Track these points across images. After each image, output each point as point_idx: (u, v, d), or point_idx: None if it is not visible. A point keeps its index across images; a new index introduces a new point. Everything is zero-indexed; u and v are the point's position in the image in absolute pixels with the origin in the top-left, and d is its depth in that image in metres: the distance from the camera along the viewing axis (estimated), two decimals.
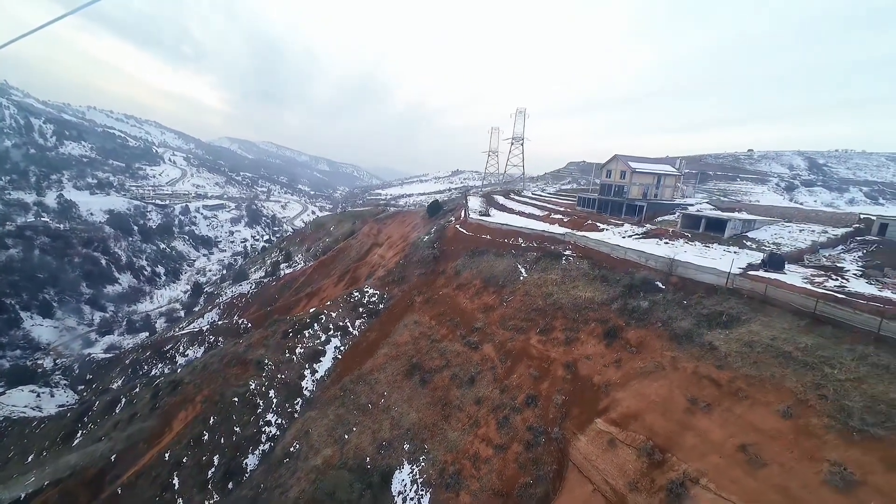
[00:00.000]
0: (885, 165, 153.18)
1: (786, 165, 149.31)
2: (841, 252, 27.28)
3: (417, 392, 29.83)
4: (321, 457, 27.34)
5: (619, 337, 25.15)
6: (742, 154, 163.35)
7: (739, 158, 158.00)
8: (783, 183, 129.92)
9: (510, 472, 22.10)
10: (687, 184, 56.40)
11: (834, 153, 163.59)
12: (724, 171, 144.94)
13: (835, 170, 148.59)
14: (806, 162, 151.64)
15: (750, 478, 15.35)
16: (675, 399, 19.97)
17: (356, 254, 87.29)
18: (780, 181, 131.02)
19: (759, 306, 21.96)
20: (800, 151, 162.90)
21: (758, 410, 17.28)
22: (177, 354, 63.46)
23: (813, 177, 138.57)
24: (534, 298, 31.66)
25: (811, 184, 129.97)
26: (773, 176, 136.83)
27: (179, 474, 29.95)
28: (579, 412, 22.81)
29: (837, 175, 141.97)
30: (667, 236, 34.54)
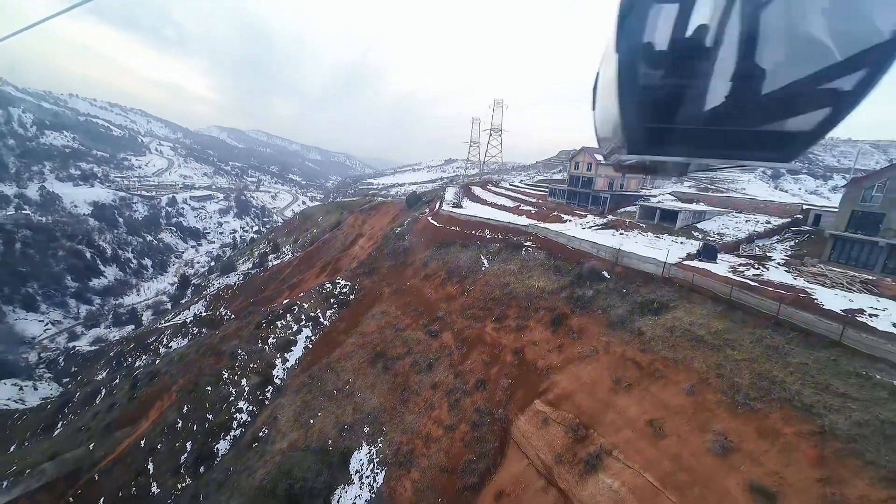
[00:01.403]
0: (869, 153, 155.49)
1: None
2: (775, 242, 28.83)
3: (380, 378, 31.32)
4: (287, 440, 28.87)
5: (564, 324, 26.66)
6: None
7: None
8: (769, 171, 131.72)
9: (456, 451, 23.75)
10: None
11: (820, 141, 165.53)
12: None
13: (821, 157, 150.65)
14: None
15: (652, 448, 17.02)
16: (603, 380, 21.59)
17: (341, 245, 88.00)
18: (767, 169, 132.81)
19: (686, 294, 23.49)
20: None
21: (669, 389, 18.91)
22: (160, 346, 64.42)
23: (799, 164, 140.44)
24: (492, 288, 33.03)
25: (796, 171, 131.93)
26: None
27: (154, 460, 31.38)
28: (522, 394, 24.42)
29: (823, 163, 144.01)
30: (623, 227, 35.91)
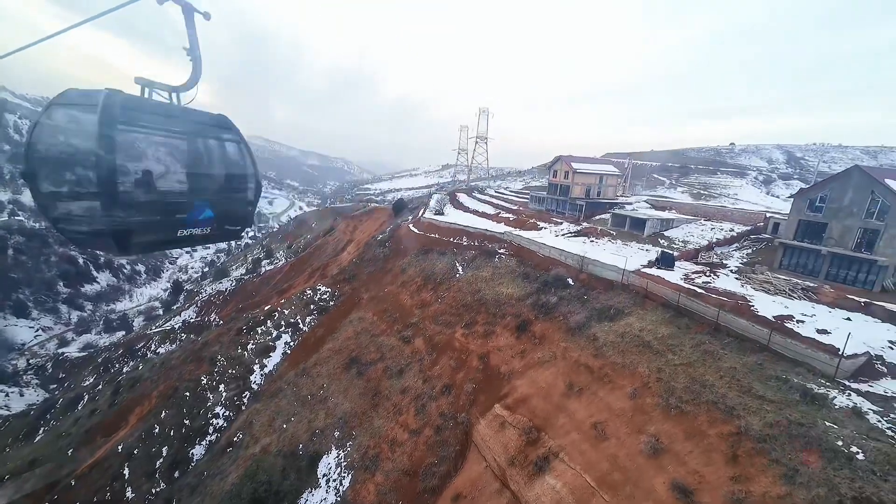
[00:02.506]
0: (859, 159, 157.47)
1: (765, 159, 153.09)
2: (733, 249, 29.75)
3: (353, 383, 31.96)
4: (260, 445, 29.44)
5: (528, 330, 27.45)
6: (724, 148, 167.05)
7: (721, 152, 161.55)
8: (761, 176, 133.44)
9: (419, 454, 24.40)
10: (638, 181, 58.67)
11: (811, 146, 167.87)
12: (705, 165, 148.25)
13: (812, 163, 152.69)
14: (784, 155, 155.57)
15: (594, 450, 17.77)
16: (558, 385, 22.35)
17: (332, 251, 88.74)
18: (759, 174, 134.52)
19: (641, 301, 24.34)
20: (779, 145, 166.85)
21: (615, 393, 19.69)
22: (148, 352, 64.80)
23: (790, 170, 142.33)
24: (465, 295, 33.82)
25: (788, 177, 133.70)
26: (752, 169, 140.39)
27: (130, 465, 31.85)
28: (485, 399, 25.14)
29: (814, 168, 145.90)
30: (595, 235, 36.86)
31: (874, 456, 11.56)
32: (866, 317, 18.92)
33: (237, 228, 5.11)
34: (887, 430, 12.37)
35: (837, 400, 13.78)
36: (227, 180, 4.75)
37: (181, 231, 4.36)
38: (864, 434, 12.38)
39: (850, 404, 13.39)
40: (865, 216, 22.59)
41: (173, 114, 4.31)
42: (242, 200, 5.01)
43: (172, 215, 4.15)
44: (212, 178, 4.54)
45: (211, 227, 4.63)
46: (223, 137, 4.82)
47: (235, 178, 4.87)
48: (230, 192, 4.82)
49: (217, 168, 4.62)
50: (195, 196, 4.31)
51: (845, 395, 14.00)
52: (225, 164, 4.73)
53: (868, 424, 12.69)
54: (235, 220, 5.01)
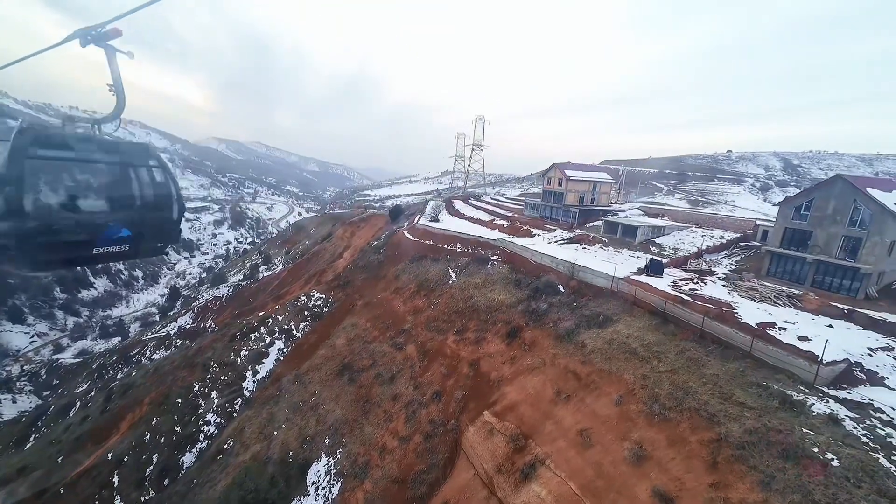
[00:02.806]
0: (855, 166, 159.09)
1: (762, 166, 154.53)
2: (722, 257, 30.01)
3: (345, 390, 31.93)
4: (250, 452, 29.29)
5: (519, 337, 27.55)
6: (721, 155, 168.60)
7: (718, 159, 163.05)
8: (758, 183, 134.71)
9: (409, 461, 24.34)
10: (632, 188, 59.12)
11: (808, 154, 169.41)
12: (703, 172, 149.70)
13: (808, 170, 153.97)
14: (781, 163, 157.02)
15: (579, 457, 17.81)
16: (546, 391, 22.41)
17: (329, 257, 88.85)
18: (756, 181, 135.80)
19: (629, 308, 24.51)
20: (776, 152, 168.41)
21: (601, 400, 19.76)
22: (143, 358, 64.57)
23: (787, 177, 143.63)
24: (457, 301, 33.97)
25: (785, 184, 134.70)
26: (749, 176, 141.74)
27: (120, 472, 31.64)
28: (474, 406, 25.14)
29: (810, 175, 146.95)
30: (587, 242, 37.15)
31: (848, 462, 11.68)
32: (848, 324, 19.10)
33: (160, 245, 5.63)
34: (862, 437, 12.49)
35: (815, 407, 13.91)
36: (146, 202, 5.24)
37: (97, 249, 4.75)
38: (840, 440, 12.50)
39: (828, 411, 13.52)
40: (849, 224, 22.90)
41: (90, 143, 4.74)
42: (165, 219, 5.53)
43: (86, 235, 4.54)
44: (128, 200, 5.02)
45: (129, 245, 5.05)
46: (144, 163, 5.33)
47: (156, 199, 5.36)
48: (150, 213, 5.30)
49: (134, 191, 5.10)
50: (110, 217, 4.72)
51: (823, 401, 14.14)
52: (143, 187, 5.23)
53: (844, 431, 12.82)
54: (159, 237, 5.55)
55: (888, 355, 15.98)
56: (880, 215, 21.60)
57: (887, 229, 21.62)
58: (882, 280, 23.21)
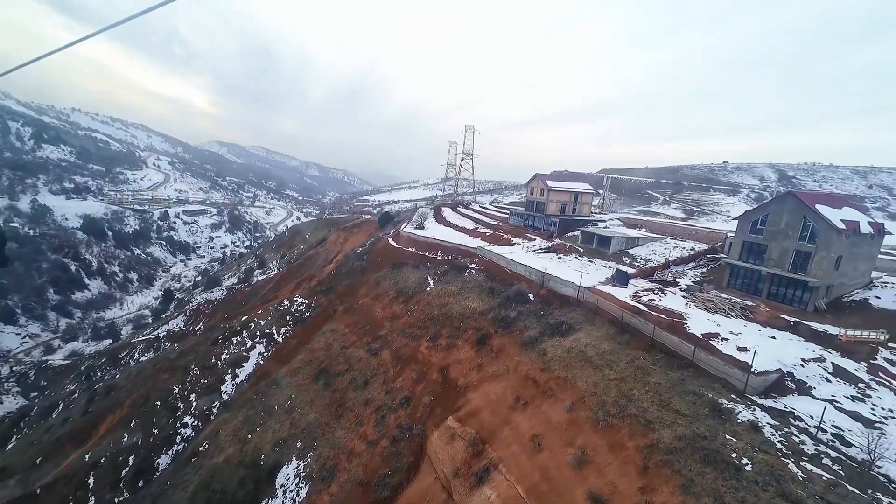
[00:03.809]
0: (849, 178, 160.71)
1: (757, 177, 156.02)
2: (689, 268, 30.75)
3: (320, 394, 32.43)
4: (224, 455, 29.69)
5: (487, 344, 28.17)
6: (717, 166, 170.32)
7: (714, 170, 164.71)
8: (753, 194, 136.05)
9: (374, 465, 24.82)
10: (629, 198, 59.76)
11: (803, 166, 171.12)
12: (698, 182, 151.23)
13: (803, 182, 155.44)
14: (776, 174, 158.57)
15: (529, 462, 18.37)
16: (507, 398, 23.00)
17: (322, 261, 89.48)
18: (751, 192, 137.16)
19: (591, 317, 25.19)
20: (771, 164, 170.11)
21: (555, 406, 20.36)
22: (130, 361, 64.88)
23: (782, 188, 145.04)
24: (432, 308, 34.62)
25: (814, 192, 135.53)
26: (744, 187, 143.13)
27: (95, 474, 32.00)
28: (441, 411, 25.68)
29: (805, 188, 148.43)
30: (563, 251, 37.90)
31: (760, 467, 12.32)
32: (791, 336, 19.77)
33: None
34: (777, 443, 13.13)
35: (741, 414, 14.55)
36: None
37: None
38: (757, 446, 13.14)
39: (751, 419, 14.16)
40: (799, 239, 23.67)
41: None
42: None
43: None
44: None
45: None
46: None
47: None
48: None
49: None
50: None
51: (750, 410, 14.78)
52: None
53: (762, 437, 13.46)
54: None
55: (819, 366, 16.62)
56: (827, 231, 22.39)
57: (833, 244, 22.38)
58: (830, 293, 23.89)
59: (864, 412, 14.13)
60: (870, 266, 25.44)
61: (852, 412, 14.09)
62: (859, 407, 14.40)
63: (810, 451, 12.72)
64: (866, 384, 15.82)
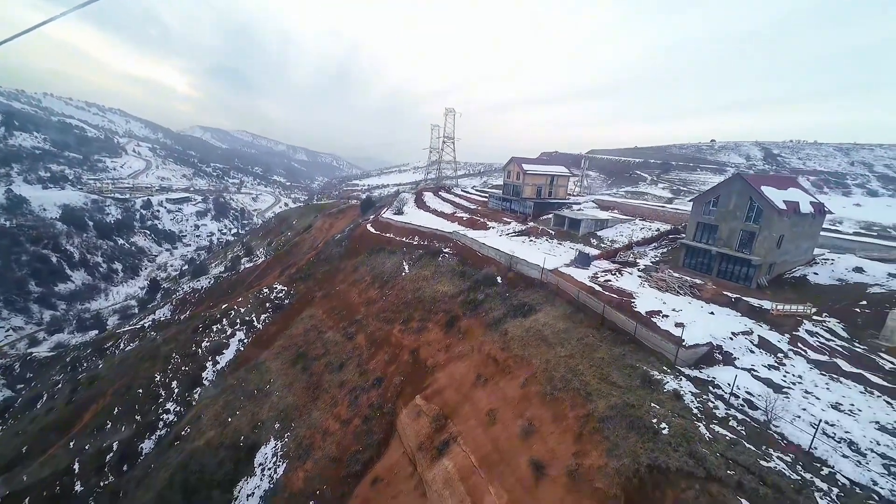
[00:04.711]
0: (832, 155, 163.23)
1: (743, 156, 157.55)
2: (651, 249, 31.83)
3: (298, 378, 33.45)
4: (205, 438, 30.74)
5: (456, 326, 29.19)
6: (704, 144, 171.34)
7: (702, 149, 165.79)
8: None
9: (347, 442, 26.08)
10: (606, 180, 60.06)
11: (788, 143, 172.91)
12: (686, 162, 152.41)
13: (788, 160, 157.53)
14: (762, 152, 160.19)
15: (484, 434, 19.61)
16: (469, 376, 24.15)
17: (308, 248, 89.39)
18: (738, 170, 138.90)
19: (552, 298, 26.21)
20: (757, 142, 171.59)
21: (511, 383, 21.53)
22: (116, 351, 65.17)
23: (767, 167, 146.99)
24: (406, 292, 35.43)
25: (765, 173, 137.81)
26: (730, 166, 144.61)
27: (80, 460, 32.93)
28: (410, 390, 26.85)
29: (790, 165, 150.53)
30: (535, 234, 38.68)
31: (675, 430, 13.51)
32: (730, 311, 20.99)
33: None
34: (694, 409, 14.35)
35: (668, 384, 15.73)
36: None
37: None
38: (676, 412, 14.34)
39: (675, 387, 15.35)
40: (745, 219, 24.70)
41: None
42: None
43: None
44: None
45: None
46: None
47: None
48: None
49: None
50: None
51: (677, 380, 15.97)
52: None
53: (682, 404, 14.66)
54: None
55: (747, 339, 17.83)
56: (769, 211, 23.40)
57: (775, 224, 23.44)
58: (773, 270, 25.15)
59: (776, 379, 15.40)
60: (812, 244, 26.74)
61: (766, 379, 15.35)
62: (773, 374, 15.67)
63: (721, 414, 13.96)
64: (784, 354, 17.11)
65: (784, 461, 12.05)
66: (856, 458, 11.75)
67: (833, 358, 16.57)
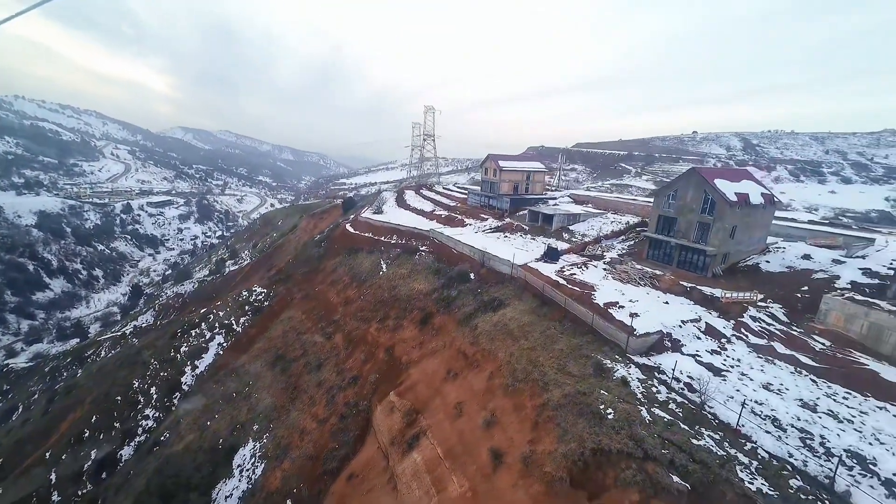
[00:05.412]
0: (808, 145, 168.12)
1: (724, 146, 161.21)
2: (619, 242, 32.80)
3: (277, 379, 33.65)
4: (184, 442, 30.81)
5: (430, 323, 29.71)
6: (686, 136, 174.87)
7: (684, 140, 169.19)
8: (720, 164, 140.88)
9: (324, 441, 26.50)
10: (592, 173, 60.84)
11: (766, 134, 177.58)
12: (669, 154, 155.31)
13: (766, 149, 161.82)
14: (741, 143, 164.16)
15: (450, 426, 20.23)
16: (440, 371, 24.75)
17: (294, 248, 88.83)
18: (718, 161, 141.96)
19: (520, 292, 26.91)
20: (737, 132, 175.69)
21: (479, 376, 22.18)
22: (97, 359, 64.14)
23: (746, 156, 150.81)
24: (383, 291, 35.82)
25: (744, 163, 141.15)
26: (711, 157, 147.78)
27: (57, 470, 32.67)
28: (385, 387, 27.33)
29: (768, 154, 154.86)
30: (510, 230, 39.35)
31: (619, 415, 14.29)
32: (685, 300, 21.95)
33: None
34: (639, 395, 15.15)
35: (618, 372, 16.53)
36: None
37: None
38: (623, 398, 15.12)
39: (624, 375, 16.15)
40: (701, 212, 25.74)
41: None
42: None
43: None
44: None
45: None
46: None
47: None
48: None
49: None
50: None
51: (626, 367, 16.78)
52: None
53: (628, 390, 15.45)
54: None
55: (695, 326, 18.77)
56: (721, 203, 24.44)
57: (727, 215, 24.51)
58: (727, 260, 26.30)
59: (716, 363, 16.31)
60: (764, 233, 27.98)
61: (707, 364, 16.25)
62: (714, 359, 16.58)
63: (663, 398, 14.79)
64: (728, 339, 18.07)
65: (713, 439, 12.91)
66: (777, 433, 12.66)
67: (771, 341, 17.59)
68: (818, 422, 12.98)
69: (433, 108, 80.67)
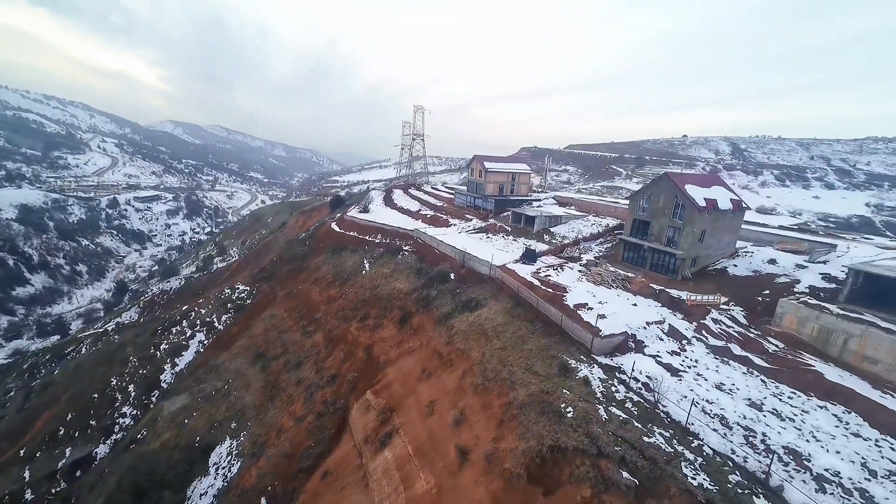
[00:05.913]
0: (794, 150, 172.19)
1: (713, 150, 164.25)
2: (597, 244, 33.45)
3: (257, 377, 33.63)
4: (160, 440, 30.65)
5: (408, 322, 30.01)
6: (677, 140, 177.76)
7: (674, 144, 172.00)
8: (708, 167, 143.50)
9: (300, 439, 26.63)
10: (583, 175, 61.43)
11: (754, 139, 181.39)
12: (659, 157, 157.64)
13: (753, 154, 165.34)
14: (730, 147, 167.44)
15: (422, 425, 20.56)
16: (416, 370, 25.07)
17: (279, 247, 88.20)
18: (707, 165, 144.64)
19: (497, 292, 27.34)
20: (726, 137, 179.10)
21: (452, 375, 22.54)
22: (77, 356, 63.11)
23: (734, 161, 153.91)
24: (365, 290, 35.99)
25: (732, 167, 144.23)
26: (700, 160, 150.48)
27: (31, 468, 32.26)
28: (362, 386, 27.56)
29: (755, 159, 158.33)
30: (493, 231, 39.77)
31: (578, 413, 14.75)
32: (653, 302, 22.59)
33: None
34: (598, 394, 15.65)
35: (581, 372, 17.02)
36: None
37: None
38: (583, 397, 15.61)
39: (586, 374, 16.64)
40: (673, 216, 26.45)
41: None
42: None
43: None
44: None
45: None
46: None
47: None
48: None
49: None
50: None
51: (590, 367, 17.29)
52: None
53: (589, 390, 15.95)
54: None
55: (658, 327, 19.39)
56: (691, 209, 25.17)
57: (696, 220, 25.25)
58: (697, 263, 27.09)
59: (675, 363, 16.91)
60: (733, 238, 28.85)
61: (666, 364, 16.83)
62: (673, 360, 17.18)
63: (620, 397, 15.30)
64: (688, 340, 18.71)
65: (664, 436, 13.44)
66: (723, 431, 13.24)
67: (728, 343, 18.25)
68: (762, 420, 13.59)
69: (423, 107, 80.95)
